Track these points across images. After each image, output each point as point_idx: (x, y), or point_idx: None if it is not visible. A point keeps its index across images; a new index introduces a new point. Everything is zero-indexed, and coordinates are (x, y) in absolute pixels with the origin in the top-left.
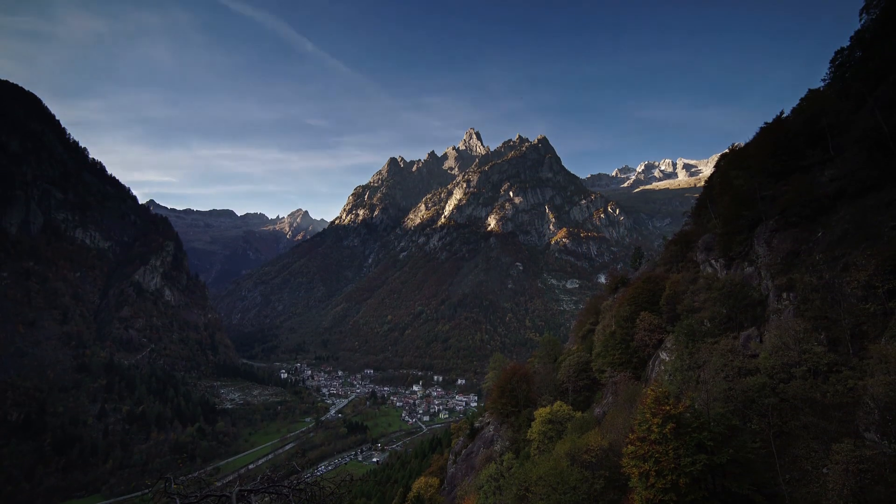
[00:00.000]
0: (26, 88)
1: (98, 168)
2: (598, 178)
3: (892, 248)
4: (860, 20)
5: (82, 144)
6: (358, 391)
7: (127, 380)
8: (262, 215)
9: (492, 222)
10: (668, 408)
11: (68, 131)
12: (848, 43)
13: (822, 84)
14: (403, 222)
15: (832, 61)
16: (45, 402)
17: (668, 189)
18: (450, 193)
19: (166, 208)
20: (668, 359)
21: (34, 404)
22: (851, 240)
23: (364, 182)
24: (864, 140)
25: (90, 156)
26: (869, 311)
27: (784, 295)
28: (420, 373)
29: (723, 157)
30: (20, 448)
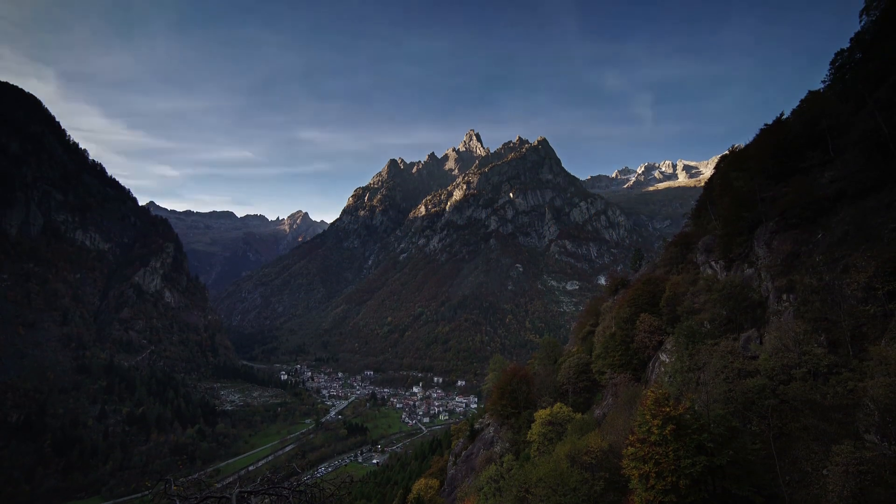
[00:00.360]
0: (26, 90)
1: (98, 170)
2: (598, 180)
3: (892, 250)
4: (860, 22)
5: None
6: (358, 393)
7: (127, 381)
8: (262, 217)
9: (492, 224)
10: (668, 409)
11: (68, 133)
12: (848, 44)
13: (822, 86)
14: (403, 224)
15: (832, 63)
16: (45, 403)
17: (668, 190)
18: (450, 195)
19: (166, 210)
20: (668, 360)
21: (34, 406)
22: (851, 241)
23: (364, 184)
24: (864, 142)
25: (90, 157)
26: (869, 312)
27: (784, 296)
28: (420, 374)
29: (723, 158)
30: (20, 449)
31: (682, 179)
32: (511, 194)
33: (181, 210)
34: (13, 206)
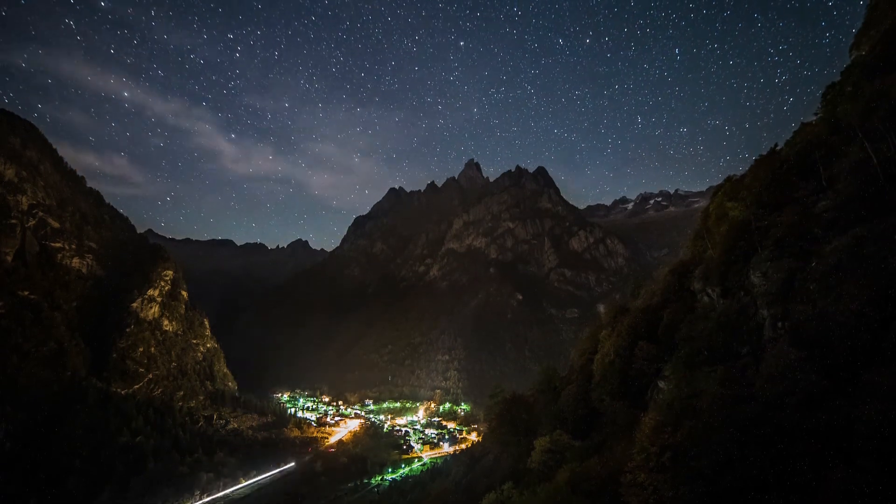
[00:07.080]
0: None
1: (95, 196)
2: (597, 209)
3: (884, 278)
4: (850, 56)
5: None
6: (358, 421)
7: (123, 410)
8: (262, 245)
9: (492, 252)
10: (665, 436)
11: (65, 160)
12: (839, 78)
13: (815, 117)
14: (404, 252)
15: (824, 95)
16: (39, 433)
17: (665, 219)
18: (450, 224)
19: (165, 238)
20: (665, 387)
21: (28, 436)
22: (844, 270)
23: (364, 212)
24: (856, 172)
25: (87, 184)
26: (862, 339)
27: (779, 324)
28: (420, 403)
29: (719, 188)
30: (13, 480)
31: (679, 209)
32: (510, 223)
33: (180, 238)
34: (8, 233)
